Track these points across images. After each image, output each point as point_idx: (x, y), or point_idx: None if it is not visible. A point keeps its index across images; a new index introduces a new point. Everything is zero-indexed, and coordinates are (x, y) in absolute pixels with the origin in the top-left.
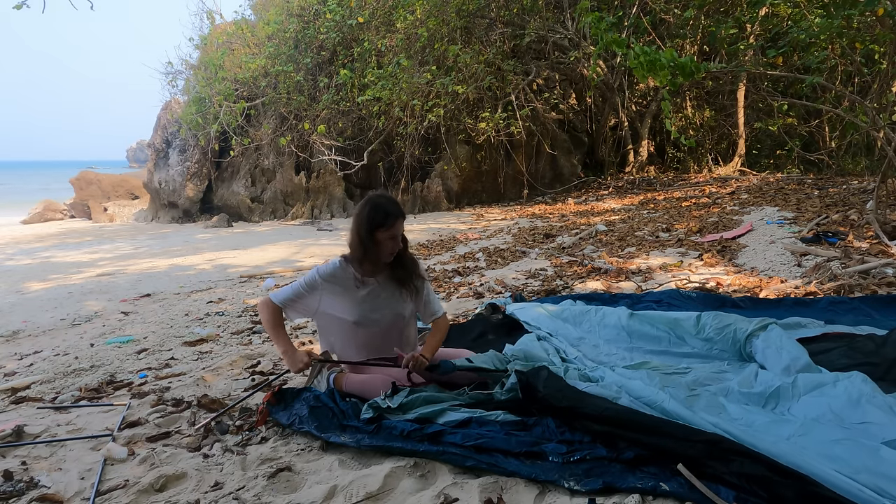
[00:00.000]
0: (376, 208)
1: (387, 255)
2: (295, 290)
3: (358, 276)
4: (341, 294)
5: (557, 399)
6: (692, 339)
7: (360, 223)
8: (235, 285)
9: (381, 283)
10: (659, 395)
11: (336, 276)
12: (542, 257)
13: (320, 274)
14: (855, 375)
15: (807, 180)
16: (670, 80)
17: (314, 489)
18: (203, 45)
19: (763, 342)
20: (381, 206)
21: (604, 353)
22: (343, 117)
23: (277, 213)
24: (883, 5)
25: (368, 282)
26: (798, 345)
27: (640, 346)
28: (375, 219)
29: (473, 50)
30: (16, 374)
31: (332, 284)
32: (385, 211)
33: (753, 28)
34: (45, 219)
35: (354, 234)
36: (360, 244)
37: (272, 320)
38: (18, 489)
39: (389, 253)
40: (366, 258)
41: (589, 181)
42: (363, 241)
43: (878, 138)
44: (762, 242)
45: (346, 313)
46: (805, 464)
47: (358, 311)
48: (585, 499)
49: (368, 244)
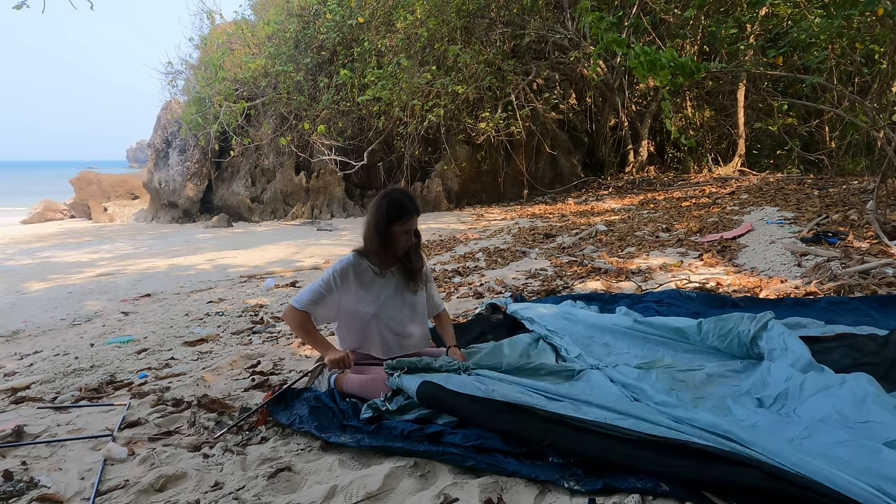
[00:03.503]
0: (394, 203)
1: (400, 249)
2: (314, 291)
3: (374, 269)
4: (359, 288)
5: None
6: (699, 344)
7: (377, 216)
8: (235, 285)
9: (393, 274)
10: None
11: (352, 271)
12: (542, 257)
13: (336, 271)
14: (860, 376)
15: (807, 180)
16: (670, 80)
17: (314, 489)
18: (203, 45)
19: (766, 343)
20: (399, 201)
21: (615, 351)
22: (343, 117)
23: (277, 213)
24: (883, 5)
25: (383, 273)
26: (801, 342)
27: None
28: (392, 213)
29: (473, 50)
30: (16, 374)
31: (348, 279)
32: (402, 206)
33: (753, 28)
34: (45, 219)
35: (371, 226)
36: (377, 237)
37: (302, 326)
38: (18, 489)
39: (403, 247)
40: (381, 251)
41: (589, 181)
42: (380, 233)
43: (878, 138)
44: (762, 242)
45: (365, 305)
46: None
47: (376, 303)
48: (585, 499)
49: (385, 237)
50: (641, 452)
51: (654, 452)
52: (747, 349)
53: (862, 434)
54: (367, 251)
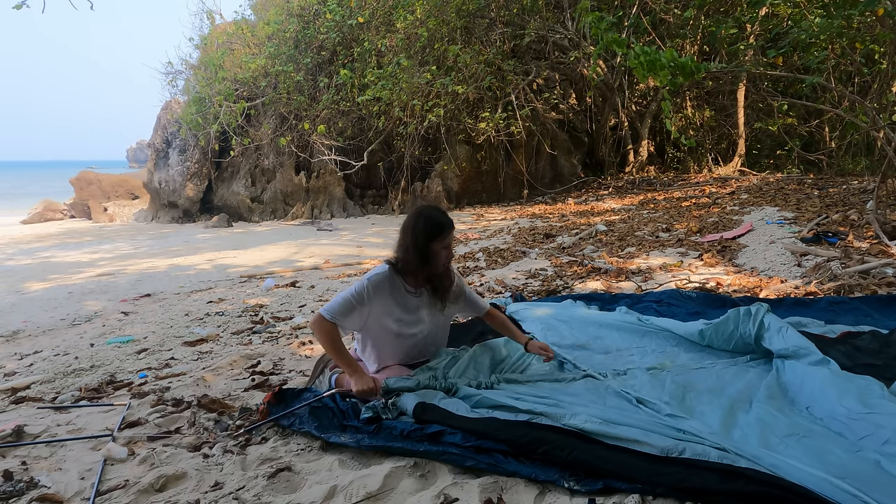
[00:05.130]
0: (430, 220)
1: (441, 266)
2: (346, 302)
3: (409, 288)
4: (389, 304)
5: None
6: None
7: (414, 236)
8: (235, 285)
9: (425, 293)
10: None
11: (385, 285)
12: (542, 257)
13: (370, 283)
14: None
15: (807, 180)
16: (670, 80)
17: (314, 489)
18: (203, 45)
19: (769, 343)
20: (435, 218)
21: (614, 349)
22: (343, 117)
23: (277, 213)
24: (883, 5)
25: (418, 292)
26: (801, 336)
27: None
28: (431, 230)
29: (473, 50)
30: (16, 374)
31: (381, 293)
32: (439, 222)
33: (753, 28)
34: (45, 219)
35: (409, 246)
36: (416, 256)
37: (330, 339)
38: (18, 489)
39: (444, 263)
40: (422, 270)
41: (589, 181)
42: (420, 252)
43: (878, 138)
44: (762, 242)
45: (389, 323)
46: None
47: (399, 324)
48: (585, 499)
49: (426, 255)
50: (636, 461)
51: (649, 461)
52: (753, 348)
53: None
54: (405, 271)
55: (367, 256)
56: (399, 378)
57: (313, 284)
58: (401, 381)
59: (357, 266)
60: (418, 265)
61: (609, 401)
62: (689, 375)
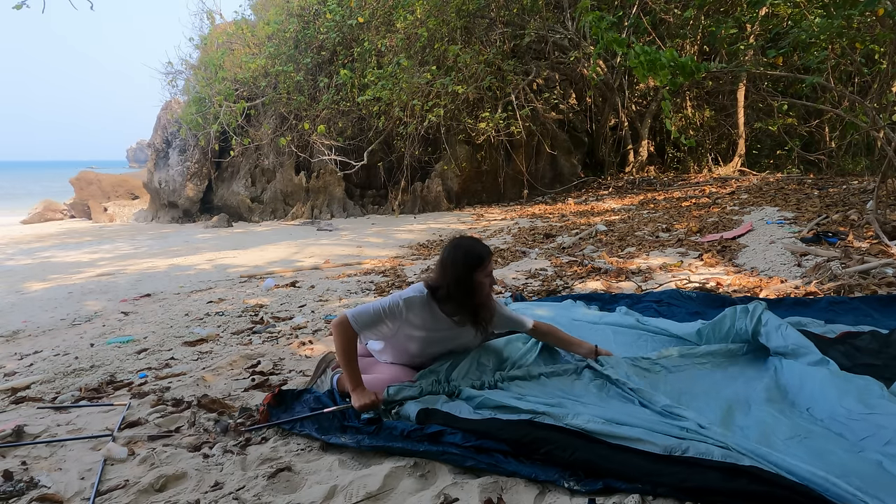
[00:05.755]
0: (469, 251)
1: (485, 296)
2: (376, 315)
3: (445, 315)
4: (418, 327)
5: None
6: None
7: (455, 268)
8: (235, 285)
9: (459, 322)
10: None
11: (420, 308)
12: (542, 257)
13: (405, 303)
14: (863, 378)
15: (807, 180)
16: (670, 80)
17: (314, 489)
18: (203, 45)
19: (765, 339)
20: (473, 248)
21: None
22: (343, 117)
23: (277, 213)
24: (883, 5)
25: (453, 321)
26: (800, 335)
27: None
28: (472, 261)
29: (473, 50)
30: (16, 374)
31: (414, 315)
32: (478, 252)
33: (753, 28)
34: (45, 219)
35: (451, 280)
36: (460, 289)
37: (347, 349)
38: (18, 489)
39: (487, 294)
40: (467, 302)
41: (589, 181)
42: (463, 284)
43: (878, 138)
44: (762, 242)
45: (412, 345)
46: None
47: (422, 347)
48: (585, 499)
49: (470, 287)
50: (638, 461)
51: (651, 461)
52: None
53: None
54: (442, 299)
55: (367, 256)
56: (401, 386)
57: (313, 284)
58: (404, 391)
59: (357, 266)
60: (464, 299)
61: (612, 401)
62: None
